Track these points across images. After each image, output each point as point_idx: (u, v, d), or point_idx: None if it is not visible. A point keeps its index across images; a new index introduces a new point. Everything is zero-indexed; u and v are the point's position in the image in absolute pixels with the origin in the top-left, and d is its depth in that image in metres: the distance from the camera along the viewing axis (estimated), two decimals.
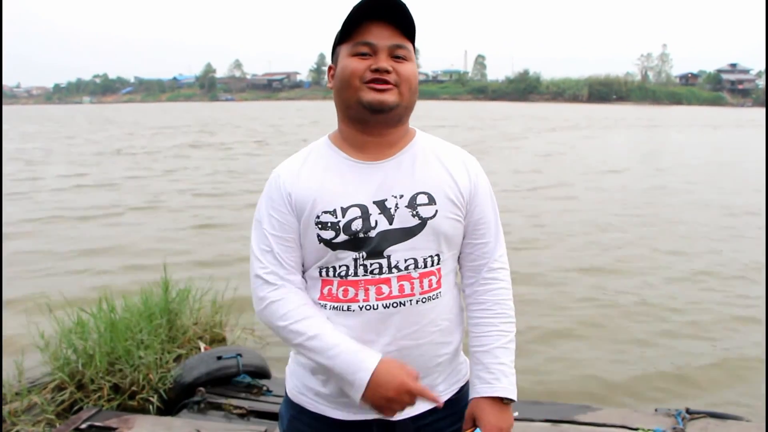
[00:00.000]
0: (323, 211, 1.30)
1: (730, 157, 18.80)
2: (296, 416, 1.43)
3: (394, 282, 1.28)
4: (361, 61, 1.28)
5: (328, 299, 1.32)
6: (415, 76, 1.32)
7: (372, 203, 1.30)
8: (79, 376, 3.24)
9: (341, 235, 1.29)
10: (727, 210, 10.04)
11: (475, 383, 1.37)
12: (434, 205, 1.31)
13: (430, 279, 1.31)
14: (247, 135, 28.35)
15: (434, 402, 1.28)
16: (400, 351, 1.30)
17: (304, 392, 1.41)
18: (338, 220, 1.29)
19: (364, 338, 1.29)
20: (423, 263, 1.30)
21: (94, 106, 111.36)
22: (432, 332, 1.33)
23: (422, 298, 1.30)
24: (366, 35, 1.28)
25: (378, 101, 1.28)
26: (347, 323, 1.29)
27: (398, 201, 1.30)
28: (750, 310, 5.40)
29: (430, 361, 1.35)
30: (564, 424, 2.99)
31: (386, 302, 1.28)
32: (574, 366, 4.36)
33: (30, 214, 9.88)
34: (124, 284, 5.54)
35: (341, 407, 1.35)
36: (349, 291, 1.30)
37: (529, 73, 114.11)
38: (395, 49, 1.29)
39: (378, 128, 1.33)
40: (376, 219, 1.29)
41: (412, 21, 1.29)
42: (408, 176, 1.33)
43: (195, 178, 14.18)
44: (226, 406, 3.25)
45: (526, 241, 7.83)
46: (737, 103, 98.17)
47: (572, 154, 19.50)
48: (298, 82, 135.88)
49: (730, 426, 2.95)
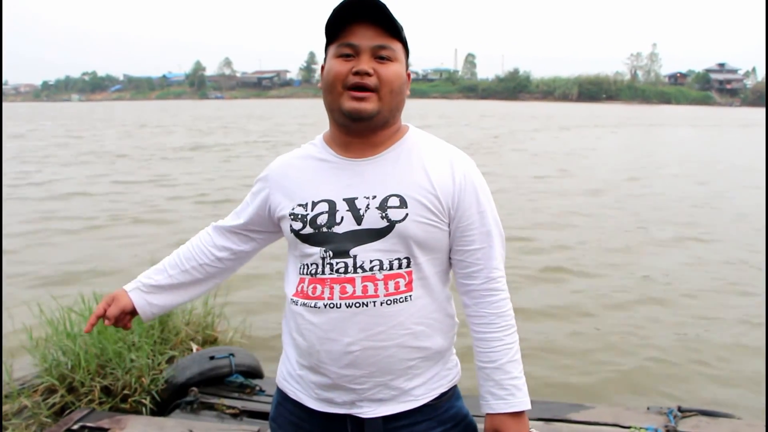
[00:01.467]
0: (298, 204, 1.36)
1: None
2: (281, 402, 1.48)
3: (358, 282, 1.29)
4: (344, 63, 1.28)
5: (300, 296, 1.35)
6: (398, 77, 1.31)
7: (342, 200, 1.32)
8: (69, 378, 3.21)
9: (307, 227, 1.33)
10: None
11: (488, 399, 1.37)
12: (405, 209, 1.29)
13: (396, 281, 1.30)
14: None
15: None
16: (365, 351, 1.29)
17: (287, 379, 1.45)
18: (307, 213, 1.34)
19: (328, 336, 1.30)
20: (389, 265, 1.29)
21: (83, 104, 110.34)
22: (401, 335, 1.30)
23: (387, 300, 1.29)
24: (349, 36, 1.28)
25: (356, 110, 1.28)
26: (314, 320, 1.32)
27: (370, 201, 1.30)
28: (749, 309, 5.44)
29: (399, 364, 1.32)
30: (556, 422, 3.00)
31: (349, 301, 1.29)
32: (566, 364, 4.38)
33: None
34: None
35: (317, 399, 1.38)
36: (317, 288, 1.32)
37: (520, 72, 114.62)
38: (378, 49, 1.28)
39: (361, 132, 1.34)
40: (343, 215, 1.31)
41: (394, 20, 1.28)
42: (384, 177, 1.32)
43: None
44: (218, 406, 3.24)
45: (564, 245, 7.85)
46: (725, 102, 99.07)
47: (646, 155, 18.88)
48: (288, 80, 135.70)
49: (722, 423, 2.97)
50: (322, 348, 1.32)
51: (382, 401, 1.34)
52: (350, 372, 1.31)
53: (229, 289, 4.71)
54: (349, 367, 1.31)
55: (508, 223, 6.49)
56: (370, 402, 1.33)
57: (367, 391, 1.33)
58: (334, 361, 1.31)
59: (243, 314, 4.62)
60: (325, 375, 1.34)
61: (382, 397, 1.33)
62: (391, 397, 1.34)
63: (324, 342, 1.31)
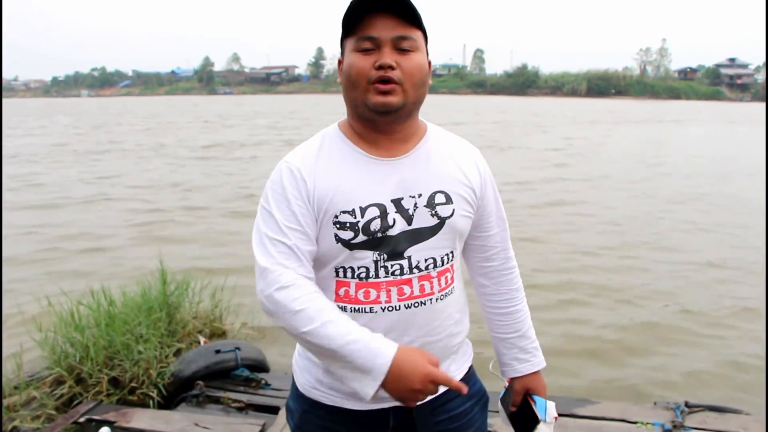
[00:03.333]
0: (342, 211, 1.26)
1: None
2: (309, 410, 1.42)
3: (415, 282, 1.29)
4: (366, 58, 1.24)
5: (346, 301, 1.30)
6: (421, 69, 1.28)
7: (390, 202, 1.28)
8: (77, 370, 3.23)
9: (360, 235, 1.26)
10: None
11: (514, 365, 1.50)
12: (451, 204, 1.32)
13: (446, 276, 1.33)
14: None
15: (459, 390, 1.19)
16: (424, 346, 1.30)
17: (317, 386, 1.40)
18: (357, 221, 1.26)
19: (388, 337, 1.25)
20: (441, 261, 1.32)
21: (93, 100, 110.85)
22: (449, 325, 1.36)
23: (440, 295, 1.32)
24: (368, 29, 1.24)
25: (383, 104, 1.25)
26: (369, 325, 1.25)
27: (417, 200, 1.30)
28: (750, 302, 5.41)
29: (447, 351, 1.38)
30: (563, 417, 2.99)
31: (408, 302, 1.28)
32: (572, 358, 4.37)
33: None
34: (126, 274, 5.54)
35: (358, 399, 1.34)
36: (371, 293, 1.28)
37: (528, 68, 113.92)
38: (399, 41, 1.24)
39: (388, 126, 1.31)
40: (394, 218, 1.28)
41: (413, 8, 1.25)
42: (424, 175, 1.32)
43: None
44: (224, 399, 3.25)
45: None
46: (736, 97, 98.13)
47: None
48: (296, 75, 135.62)
49: (729, 419, 2.96)
50: None
51: None
52: None
53: (236, 282, 4.73)
54: None
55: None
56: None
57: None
58: None
59: (250, 307, 4.64)
60: None
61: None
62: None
63: None
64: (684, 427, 2.86)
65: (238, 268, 5.64)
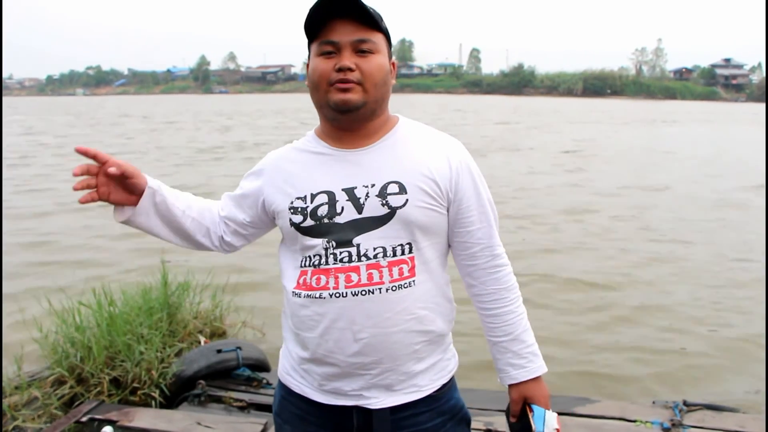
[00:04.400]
0: (296, 197, 1.36)
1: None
2: (285, 397, 1.48)
3: (363, 270, 1.30)
4: (327, 61, 1.30)
5: (303, 288, 1.36)
6: (381, 69, 1.32)
7: (341, 190, 1.33)
8: (78, 369, 3.24)
9: (308, 219, 1.34)
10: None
11: (508, 371, 1.43)
12: (404, 195, 1.31)
13: (400, 267, 1.32)
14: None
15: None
16: (374, 337, 1.31)
17: (291, 373, 1.46)
18: (306, 206, 1.34)
19: (336, 325, 1.31)
20: (392, 252, 1.31)
21: (89, 98, 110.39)
22: (407, 320, 1.33)
23: (392, 286, 1.31)
24: (328, 33, 1.29)
25: (342, 101, 1.30)
26: (319, 311, 1.33)
27: (369, 190, 1.32)
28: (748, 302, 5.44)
29: (406, 348, 1.35)
30: (562, 416, 2.99)
31: (355, 290, 1.30)
32: (572, 358, 4.39)
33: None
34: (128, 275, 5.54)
35: (323, 393, 1.39)
36: (321, 279, 1.33)
37: (524, 67, 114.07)
38: (359, 44, 1.29)
39: (351, 124, 1.36)
40: (343, 206, 1.32)
41: (371, 13, 1.29)
42: (381, 165, 1.34)
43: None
44: (226, 399, 3.27)
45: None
46: (731, 98, 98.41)
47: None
48: (292, 74, 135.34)
49: (727, 418, 2.98)
50: (330, 338, 1.33)
51: (389, 389, 1.35)
52: (359, 359, 1.33)
53: (237, 282, 4.74)
54: (358, 355, 1.32)
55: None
56: (378, 390, 1.35)
57: (375, 377, 1.34)
58: (343, 349, 1.32)
59: (251, 307, 4.64)
60: (333, 365, 1.35)
61: (390, 383, 1.35)
62: (398, 383, 1.36)
63: (332, 332, 1.32)
64: (682, 426, 2.88)
65: (239, 268, 5.65)
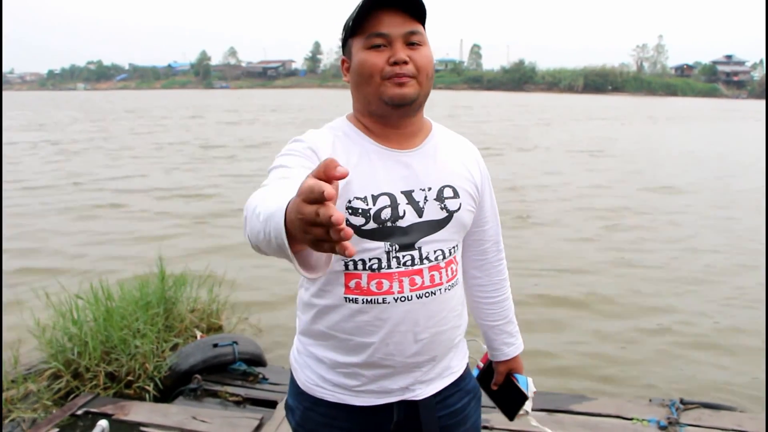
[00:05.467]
0: (355, 197, 1.26)
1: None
2: (310, 407, 1.42)
3: (425, 272, 1.31)
4: (378, 54, 1.25)
5: (357, 293, 1.30)
6: (431, 61, 1.31)
7: (400, 193, 1.30)
8: (74, 364, 3.24)
9: (371, 222, 1.27)
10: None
11: (503, 349, 1.61)
12: (458, 199, 1.36)
13: (452, 267, 1.37)
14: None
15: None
16: (432, 336, 1.34)
17: (319, 384, 1.40)
18: (369, 207, 1.27)
19: (399, 329, 1.31)
20: (448, 253, 1.36)
21: (90, 93, 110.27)
22: (453, 316, 1.39)
23: (448, 285, 1.36)
24: (378, 26, 1.25)
25: (400, 96, 1.26)
26: (383, 315, 1.30)
27: (427, 194, 1.32)
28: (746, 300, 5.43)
29: (450, 343, 1.41)
30: (560, 413, 3.01)
31: (419, 292, 1.31)
32: (570, 356, 4.39)
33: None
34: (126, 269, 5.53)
35: (364, 395, 1.37)
36: (383, 284, 1.29)
37: (525, 63, 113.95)
38: (409, 36, 1.26)
39: (399, 120, 1.33)
40: (404, 209, 1.29)
41: (421, 3, 1.27)
42: (433, 169, 1.35)
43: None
44: (222, 393, 3.27)
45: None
46: (732, 94, 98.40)
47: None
48: (293, 70, 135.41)
49: (724, 416, 2.98)
50: (391, 341, 1.31)
51: (432, 380, 1.40)
52: (415, 359, 1.34)
53: (234, 278, 4.73)
54: (416, 355, 1.34)
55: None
56: (422, 383, 1.38)
57: (426, 373, 1.38)
58: (403, 351, 1.33)
59: (247, 302, 4.64)
60: (388, 366, 1.34)
61: (433, 376, 1.40)
62: (438, 375, 1.41)
63: (394, 335, 1.31)
64: (679, 424, 2.88)
65: (236, 264, 5.64)
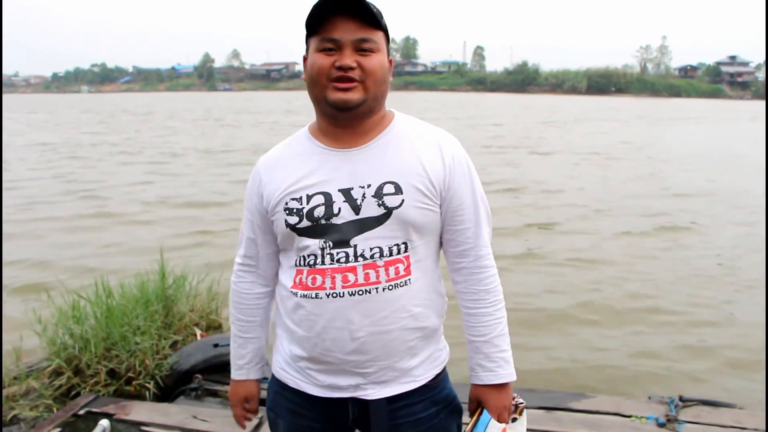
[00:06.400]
0: (291, 198, 1.35)
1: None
2: (279, 391, 1.49)
3: (359, 270, 1.31)
4: (327, 57, 1.29)
5: (299, 287, 1.36)
6: (381, 67, 1.32)
7: (337, 191, 1.33)
8: (76, 361, 3.26)
9: (304, 220, 1.33)
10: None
11: (477, 370, 1.44)
12: (400, 195, 1.32)
13: (396, 267, 1.33)
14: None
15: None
16: (370, 336, 1.33)
17: (285, 368, 1.47)
18: (302, 207, 1.34)
19: (333, 325, 1.33)
20: (389, 251, 1.32)
21: (94, 96, 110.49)
22: (403, 318, 1.34)
23: (388, 285, 1.32)
24: (332, 31, 1.28)
25: (342, 100, 1.29)
26: (316, 310, 1.34)
27: (365, 190, 1.32)
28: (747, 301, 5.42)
29: (402, 345, 1.36)
30: (558, 411, 3.00)
31: (352, 290, 1.31)
32: (569, 353, 4.39)
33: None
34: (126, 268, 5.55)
35: (319, 386, 1.40)
36: (317, 279, 1.33)
37: (528, 65, 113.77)
38: (360, 42, 1.28)
39: (348, 122, 1.35)
40: (340, 207, 1.32)
41: (374, 12, 1.28)
42: (376, 165, 1.34)
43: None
44: (222, 393, 3.27)
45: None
46: (736, 95, 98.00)
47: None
48: (296, 72, 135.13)
49: (723, 413, 2.98)
50: (327, 337, 1.34)
51: (386, 383, 1.38)
52: (356, 357, 1.34)
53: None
54: (354, 353, 1.34)
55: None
56: (374, 384, 1.37)
57: (372, 374, 1.36)
58: (340, 348, 1.34)
59: None
60: (330, 363, 1.36)
61: (386, 378, 1.37)
62: (394, 378, 1.38)
63: (329, 331, 1.33)
64: (678, 421, 2.87)
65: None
